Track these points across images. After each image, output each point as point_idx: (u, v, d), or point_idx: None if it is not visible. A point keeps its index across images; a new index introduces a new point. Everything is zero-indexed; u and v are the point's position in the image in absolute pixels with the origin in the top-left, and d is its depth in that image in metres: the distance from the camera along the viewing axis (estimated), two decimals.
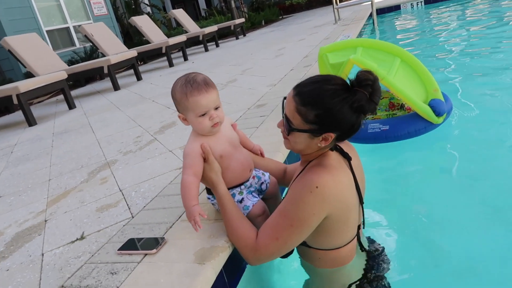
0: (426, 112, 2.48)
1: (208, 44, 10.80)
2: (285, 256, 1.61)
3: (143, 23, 9.76)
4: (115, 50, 8.01)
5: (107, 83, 7.91)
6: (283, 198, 1.36)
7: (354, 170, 1.29)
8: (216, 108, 1.36)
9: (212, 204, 1.60)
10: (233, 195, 1.47)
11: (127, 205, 2.02)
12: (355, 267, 1.38)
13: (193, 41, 11.17)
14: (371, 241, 1.56)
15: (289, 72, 4.61)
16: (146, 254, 1.50)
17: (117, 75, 7.74)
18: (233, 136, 1.48)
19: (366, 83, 1.13)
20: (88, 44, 9.99)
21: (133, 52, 7.31)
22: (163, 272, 1.38)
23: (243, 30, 12.93)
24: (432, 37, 6.62)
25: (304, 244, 1.33)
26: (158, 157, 2.66)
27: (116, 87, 6.70)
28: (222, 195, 1.38)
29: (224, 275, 1.47)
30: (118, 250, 1.57)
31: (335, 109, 1.14)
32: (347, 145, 1.38)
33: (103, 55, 7.97)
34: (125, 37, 12.59)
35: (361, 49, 2.85)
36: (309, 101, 1.17)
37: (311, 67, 4.52)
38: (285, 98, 1.26)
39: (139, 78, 7.43)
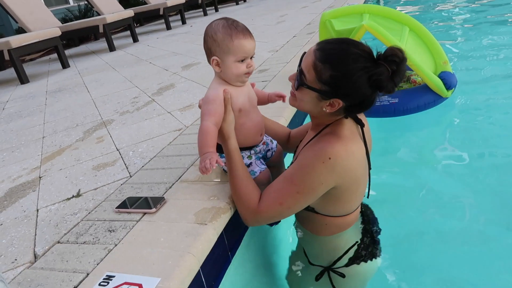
0: (437, 84, 2.40)
1: (207, 8, 10.49)
2: (272, 224, 1.59)
3: None
4: (111, 9, 7.72)
5: (102, 44, 7.68)
6: (291, 163, 1.31)
7: (365, 137, 1.24)
8: (251, 58, 1.30)
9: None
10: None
11: (125, 164, 1.96)
12: (355, 231, 1.37)
13: (192, 5, 10.84)
14: (364, 205, 1.54)
15: (291, 39, 4.48)
16: (145, 213, 1.46)
17: (112, 36, 7.51)
18: (252, 94, 1.41)
19: (393, 59, 1.06)
20: (82, 2, 9.64)
21: (130, 12, 7.07)
22: (163, 230, 1.34)
23: None
24: (437, 12, 6.46)
25: (311, 210, 1.29)
26: (156, 118, 2.58)
27: (111, 47, 6.50)
28: (232, 149, 1.30)
29: (224, 237, 1.44)
30: (116, 208, 1.52)
31: (353, 75, 1.07)
32: None
33: (98, 14, 7.69)
34: None
35: (368, 16, 2.74)
36: (330, 59, 1.10)
37: (315, 34, 4.40)
38: (304, 52, 1.19)
39: (135, 39, 7.22)
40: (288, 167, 1.29)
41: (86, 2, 8.66)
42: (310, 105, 1.18)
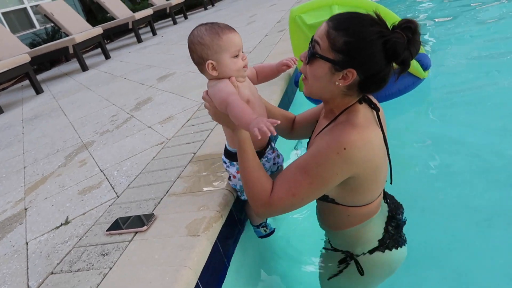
0: (414, 66, 2.44)
1: (176, 16, 10.44)
2: (264, 236, 1.58)
3: None
4: (79, 29, 7.63)
5: (74, 64, 7.57)
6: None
7: (381, 122, 1.20)
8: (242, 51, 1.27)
9: (226, 169, 1.46)
10: None
11: (111, 185, 1.94)
12: (379, 220, 1.31)
13: (160, 15, 10.77)
14: (386, 193, 1.45)
15: (263, 39, 4.50)
16: (136, 232, 1.45)
17: (83, 55, 7.41)
18: (252, 86, 1.36)
19: (408, 25, 1.02)
20: (49, 25, 9.49)
21: (98, 30, 6.99)
22: (157, 247, 1.33)
23: None
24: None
25: (332, 201, 1.23)
26: (137, 134, 2.56)
27: (84, 67, 6.42)
28: (244, 139, 1.23)
29: (219, 245, 1.44)
30: (107, 231, 1.51)
31: (368, 39, 1.02)
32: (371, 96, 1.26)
33: (67, 35, 7.57)
34: (88, 15, 12.02)
35: (337, 7, 2.77)
36: (344, 25, 1.05)
37: (285, 31, 4.42)
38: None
39: (107, 56, 7.14)
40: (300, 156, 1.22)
41: (52, 25, 8.53)
42: (323, 81, 1.11)
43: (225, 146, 1.44)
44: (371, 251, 1.27)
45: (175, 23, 9.94)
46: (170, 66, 4.56)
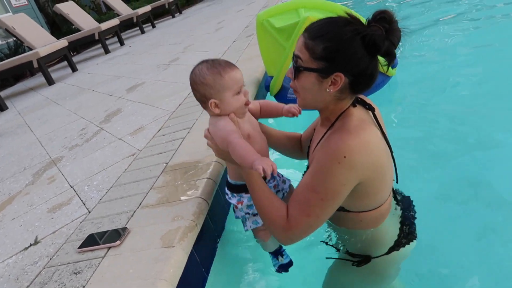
0: (382, 63, 2.48)
1: (143, 26, 10.31)
2: (282, 268, 1.48)
3: (70, 10, 9.08)
4: (43, 42, 7.41)
5: (39, 79, 7.35)
6: (307, 167, 1.22)
7: (379, 121, 1.19)
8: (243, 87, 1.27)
9: (228, 200, 1.44)
10: None
11: (81, 200, 1.89)
12: (393, 220, 1.30)
13: (127, 25, 10.61)
14: (395, 191, 1.44)
15: (232, 44, 4.50)
16: (109, 248, 1.41)
17: (49, 69, 7.20)
18: (253, 119, 1.36)
19: (381, 16, 1.01)
20: (11, 39, 9.18)
21: (63, 42, 6.81)
22: (131, 261, 1.30)
23: (178, 7, 12.46)
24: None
25: (342, 209, 1.20)
26: (108, 147, 2.51)
27: (50, 81, 6.24)
28: (250, 171, 1.20)
29: (195, 255, 1.42)
30: (79, 248, 1.46)
31: (345, 39, 1.01)
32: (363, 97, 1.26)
33: (30, 49, 7.35)
34: (52, 27, 11.70)
35: (303, 10, 2.80)
36: (319, 33, 1.05)
37: (253, 36, 4.44)
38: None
39: (74, 69, 6.97)
40: (304, 172, 1.21)
41: (15, 39, 8.26)
42: (313, 91, 1.10)
43: (227, 179, 1.42)
44: (387, 252, 1.25)
45: (143, 32, 9.82)
46: (139, 76, 4.50)
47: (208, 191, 1.64)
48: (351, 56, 1.03)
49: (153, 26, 10.55)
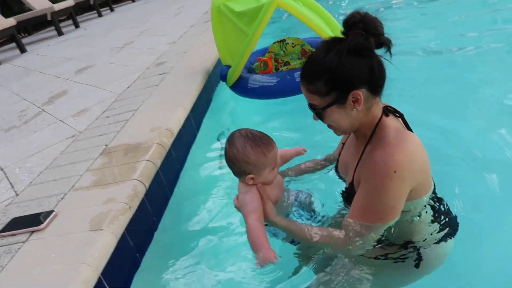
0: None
1: (101, 9, 9.88)
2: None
3: None
4: None
5: None
6: (349, 183, 1.21)
7: (408, 125, 1.18)
8: None
9: None
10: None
11: (10, 183, 1.76)
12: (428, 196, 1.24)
13: (84, 7, 10.14)
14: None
15: (189, 29, 4.38)
16: (33, 232, 1.31)
17: None
18: (280, 179, 1.39)
19: (353, 20, 1.01)
20: None
21: (11, 21, 6.39)
22: (56, 246, 1.22)
23: None
24: None
25: None
26: (47, 129, 2.36)
27: None
28: (285, 225, 1.24)
29: (128, 238, 1.35)
30: None
31: (336, 64, 1.02)
32: None
33: None
34: (2, 7, 10.97)
35: None
36: (311, 75, 1.08)
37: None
38: None
39: (23, 50, 6.57)
40: (343, 192, 1.24)
41: None
42: (345, 119, 1.12)
43: None
44: (437, 242, 1.21)
45: (100, 15, 9.42)
46: (91, 59, 4.29)
47: (146, 173, 1.57)
48: (351, 72, 1.04)
49: (112, 10, 10.15)
